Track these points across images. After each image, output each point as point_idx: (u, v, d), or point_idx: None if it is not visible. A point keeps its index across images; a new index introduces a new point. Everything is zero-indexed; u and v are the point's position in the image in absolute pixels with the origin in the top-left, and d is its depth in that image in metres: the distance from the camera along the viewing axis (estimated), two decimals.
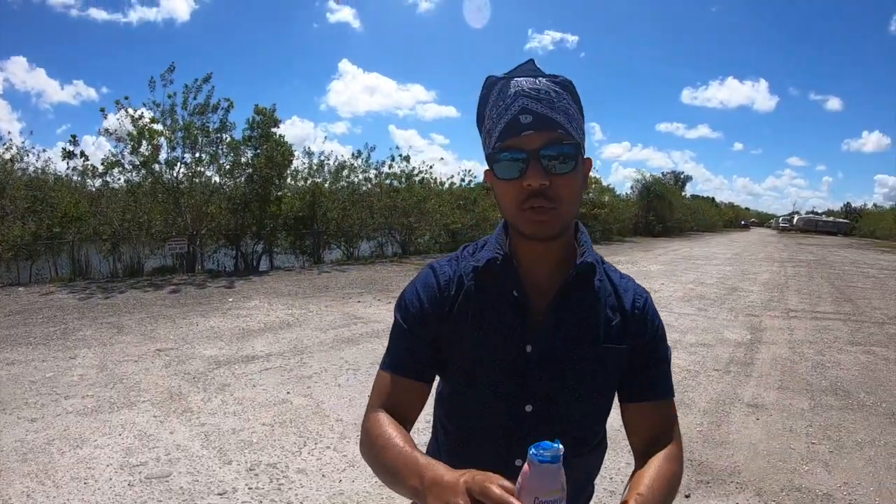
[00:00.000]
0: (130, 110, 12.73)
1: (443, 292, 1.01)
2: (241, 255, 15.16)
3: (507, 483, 0.69)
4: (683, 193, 54.59)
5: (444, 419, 1.10)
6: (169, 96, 13.21)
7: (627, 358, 1.01)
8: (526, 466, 0.68)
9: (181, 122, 13.34)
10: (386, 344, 1.12)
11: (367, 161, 17.66)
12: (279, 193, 15.21)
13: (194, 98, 13.43)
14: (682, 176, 65.41)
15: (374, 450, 0.93)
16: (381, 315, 8.32)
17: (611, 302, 1.02)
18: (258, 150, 14.37)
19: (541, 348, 0.96)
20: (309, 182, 16.60)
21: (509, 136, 0.89)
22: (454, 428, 1.07)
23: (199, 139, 13.53)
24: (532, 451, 0.68)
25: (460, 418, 1.05)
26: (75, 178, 13.80)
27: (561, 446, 0.68)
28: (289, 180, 16.10)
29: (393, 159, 18.03)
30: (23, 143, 14.35)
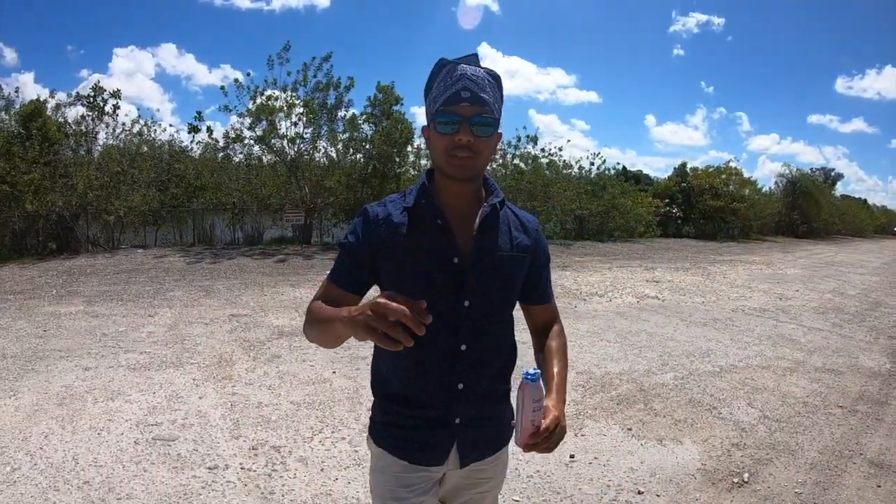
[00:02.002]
0: (252, 88, 13.60)
1: (377, 226, 1.35)
2: None
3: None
4: (833, 192, 48.19)
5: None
6: (288, 73, 13.93)
7: (528, 267, 1.46)
8: (522, 386, 1.18)
9: (301, 99, 14.05)
10: None
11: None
12: (399, 171, 15.43)
13: (314, 76, 14.10)
14: (832, 173, 57.69)
15: (312, 315, 1.29)
16: None
17: (516, 225, 1.45)
18: (379, 128, 14.66)
19: (468, 260, 1.33)
20: (427, 162, 16.70)
21: (452, 103, 1.26)
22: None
23: (319, 115, 14.05)
24: (526, 375, 1.17)
25: None
26: (200, 151, 15.04)
27: (539, 371, 1.23)
28: (411, 158, 16.30)
29: (520, 140, 17.56)
30: (152, 119, 15.91)
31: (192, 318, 6.79)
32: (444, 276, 1.33)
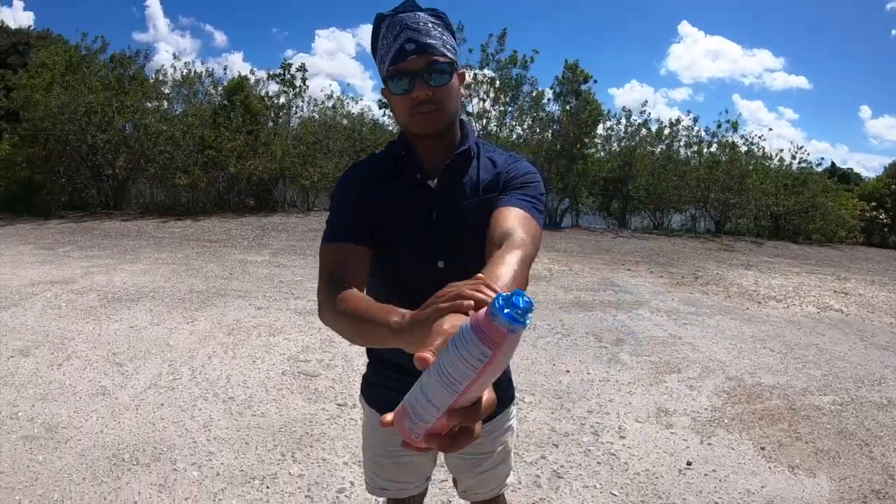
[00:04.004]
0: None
1: (361, 184, 1.34)
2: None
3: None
4: None
5: (377, 292, 1.34)
6: (470, 50, 14.45)
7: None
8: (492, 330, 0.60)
9: (486, 76, 14.39)
10: None
11: (689, 128, 16.20)
12: (586, 152, 15.04)
13: (495, 53, 14.31)
14: None
15: (342, 304, 1.11)
16: (635, 286, 7.43)
17: (487, 167, 1.38)
18: (566, 107, 14.43)
19: (441, 214, 1.31)
20: (622, 144, 16.01)
21: (399, 60, 1.21)
22: (385, 295, 1.28)
23: (502, 93, 14.21)
24: (502, 310, 0.58)
25: (389, 283, 1.35)
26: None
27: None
28: (598, 140, 15.80)
29: (720, 126, 16.05)
30: (346, 94, 17.36)
31: None
32: (417, 235, 1.31)
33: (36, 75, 13.34)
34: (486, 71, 14.57)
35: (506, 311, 0.57)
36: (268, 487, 2.58)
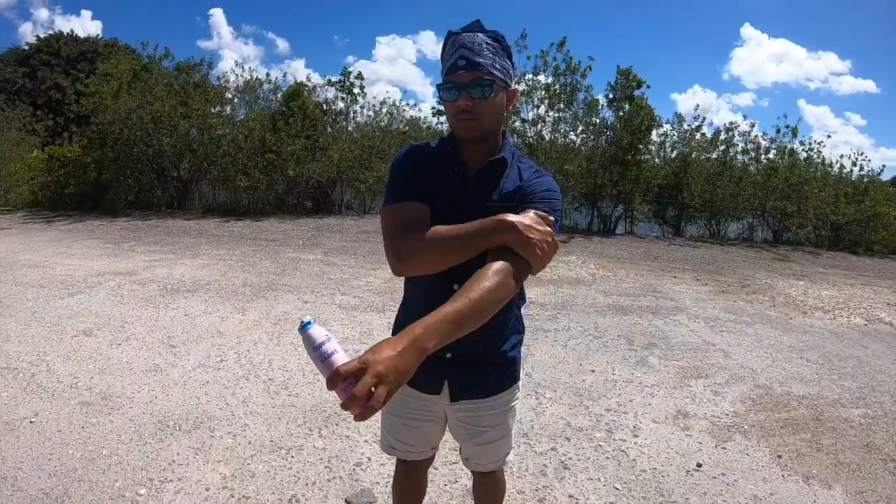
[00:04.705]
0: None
1: (418, 160, 1.58)
2: (598, 216, 15.54)
3: None
4: None
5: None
6: (528, 58, 14.67)
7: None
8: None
9: (541, 83, 14.51)
10: None
11: (746, 133, 15.83)
12: (639, 158, 14.92)
13: (553, 60, 14.43)
14: None
15: (434, 233, 1.43)
16: (678, 293, 7.37)
17: (514, 177, 1.58)
18: (620, 113, 14.40)
19: (465, 204, 1.52)
20: (676, 151, 15.78)
21: (451, 72, 1.45)
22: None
23: (559, 100, 14.31)
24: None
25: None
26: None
27: (309, 320, 1.22)
28: (652, 147, 15.63)
29: (779, 131, 15.57)
30: (402, 100, 17.82)
31: None
32: (440, 216, 1.49)
33: (103, 83, 14.34)
34: (541, 77, 14.74)
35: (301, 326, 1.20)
36: (292, 457, 2.85)
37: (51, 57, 30.65)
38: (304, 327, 1.18)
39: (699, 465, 3.04)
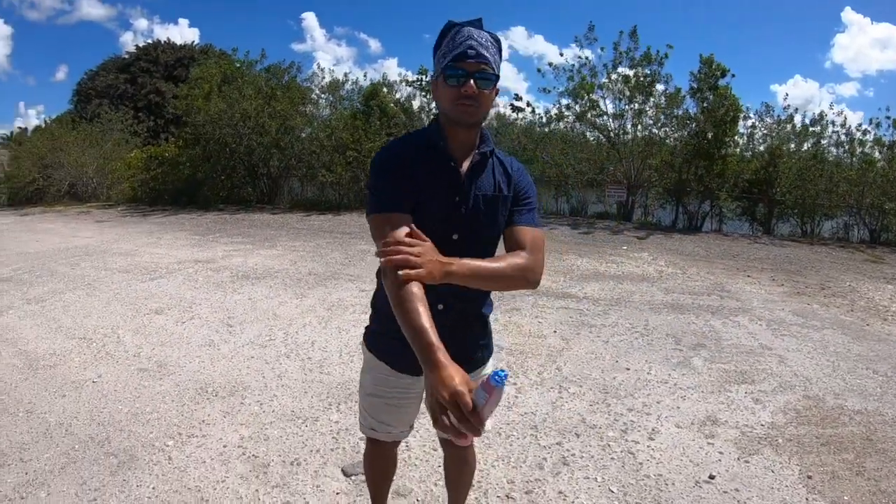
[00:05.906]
0: (567, 68, 14.83)
1: (404, 158, 1.63)
2: (683, 212, 15.08)
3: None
4: None
5: None
6: (602, 49, 14.47)
7: (510, 205, 1.73)
8: (488, 387, 1.17)
9: (619, 76, 14.33)
10: None
11: (839, 125, 14.77)
12: (724, 152, 14.30)
13: (627, 52, 14.15)
14: None
15: (404, 302, 1.41)
16: (747, 293, 7.10)
17: (500, 169, 1.74)
18: (703, 104, 13.86)
19: (464, 198, 1.65)
20: (767, 144, 14.95)
21: (459, 59, 1.54)
22: None
23: (637, 92, 14.09)
24: (494, 378, 1.15)
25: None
26: (525, 126, 16.58)
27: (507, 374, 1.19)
28: (740, 139, 14.92)
29: (877, 125, 14.35)
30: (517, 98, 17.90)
31: None
32: (442, 211, 1.62)
33: (195, 86, 15.52)
34: (619, 69, 14.42)
35: (494, 377, 1.15)
36: (307, 427, 3.16)
37: (149, 64, 33.23)
38: (499, 382, 1.16)
39: (712, 477, 2.88)
